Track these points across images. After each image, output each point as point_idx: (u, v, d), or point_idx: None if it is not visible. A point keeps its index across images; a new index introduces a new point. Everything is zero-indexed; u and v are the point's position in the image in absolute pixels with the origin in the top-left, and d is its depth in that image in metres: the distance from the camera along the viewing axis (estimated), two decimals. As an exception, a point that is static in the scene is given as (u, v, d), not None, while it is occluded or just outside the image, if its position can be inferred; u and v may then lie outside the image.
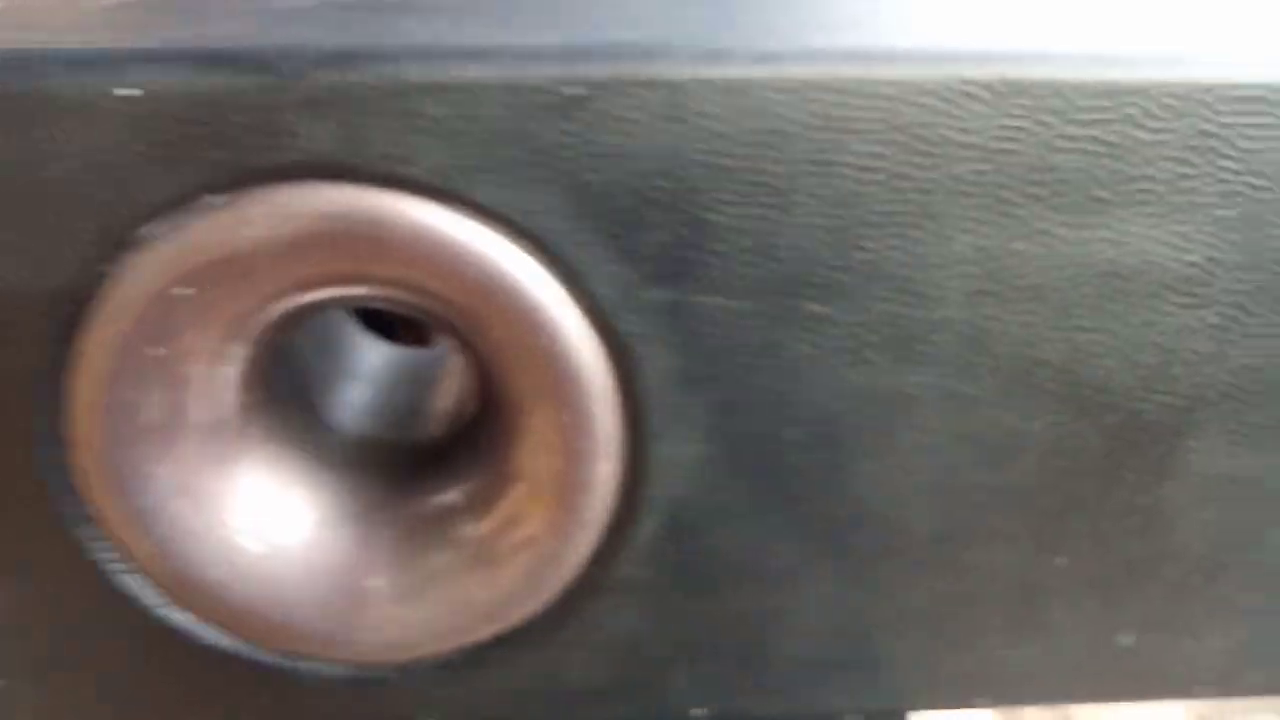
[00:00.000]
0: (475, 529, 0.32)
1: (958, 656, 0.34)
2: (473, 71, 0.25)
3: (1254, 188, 0.27)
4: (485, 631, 0.32)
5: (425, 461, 0.36)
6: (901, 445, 0.30)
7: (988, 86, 0.25)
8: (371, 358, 0.44)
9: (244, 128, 0.25)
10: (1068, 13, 0.33)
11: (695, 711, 0.34)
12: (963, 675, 0.34)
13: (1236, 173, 0.27)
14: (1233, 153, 0.27)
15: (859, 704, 0.35)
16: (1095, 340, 0.29)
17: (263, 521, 0.32)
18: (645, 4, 0.32)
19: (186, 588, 0.32)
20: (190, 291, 0.27)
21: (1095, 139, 0.26)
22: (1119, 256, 0.27)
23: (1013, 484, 0.31)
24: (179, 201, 0.26)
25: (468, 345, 0.31)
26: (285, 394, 0.35)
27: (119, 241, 0.26)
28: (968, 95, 0.25)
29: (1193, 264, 0.28)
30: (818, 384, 0.29)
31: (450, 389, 0.42)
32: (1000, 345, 0.29)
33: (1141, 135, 0.26)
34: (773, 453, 0.30)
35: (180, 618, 0.32)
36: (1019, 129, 0.26)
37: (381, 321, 0.48)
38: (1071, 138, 0.26)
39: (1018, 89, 0.25)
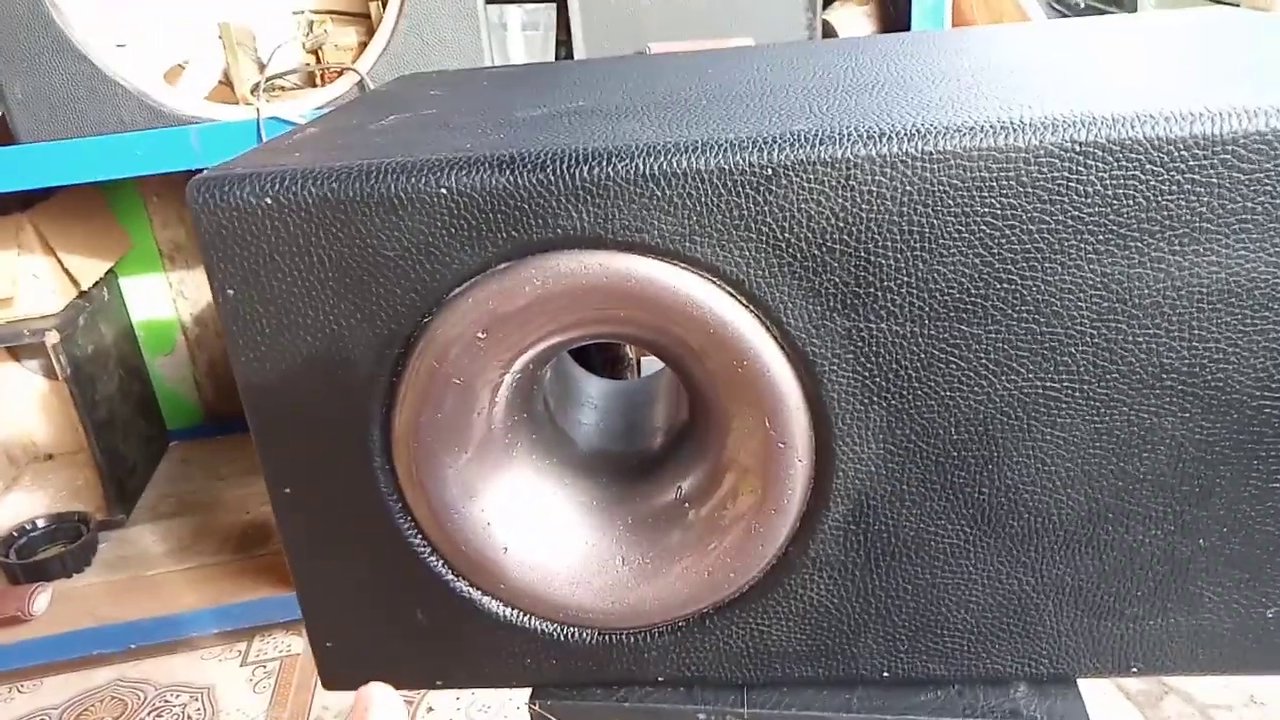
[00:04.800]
0: (697, 514, 0.40)
1: (1109, 625, 0.39)
2: (691, 162, 0.33)
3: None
4: (706, 602, 0.40)
5: (646, 467, 0.44)
6: (1046, 440, 0.36)
7: (1098, 146, 0.31)
8: (589, 388, 0.53)
9: (524, 212, 0.34)
10: (1154, 77, 0.38)
11: (880, 673, 0.41)
12: (1115, 643, 0.39)
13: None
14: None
15: (1023, 669, 0.40)
16: (1213, 349, 0.34)
17: (526, 514, 0.41)
18: (814, 97, 0.40)
19: (470, 567, 0.41)
20: (484, 335, 0.36)
21: (1196, 181, 0.31)
22: (1227, 277, 0.33)
23: (1149, 472, 0.36)
24: (479, 269, 0.35)
25: (681, 369, 0.40)
26: (537, 414, 0.44)
27: (435, 300, 0.36)
28: (1082, 154, 0.32)
29: (1297, 279, 0.33)
30: (972, 391, 0.35)
31: (657, 413, 0.50)
32: (1129, 354, 0.34)
33: (1238, 175, 0.31)
34: (938, 449, 0.36)
35: (467, 590, 0.41)
36: (1129, 177, 0.32)
37: (587, 359, 0.57)
38: (1175, 182, 0.32)
39: (1124, 146, 0.31)
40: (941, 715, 0.40)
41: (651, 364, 0.68)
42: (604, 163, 0.34)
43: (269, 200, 0.35)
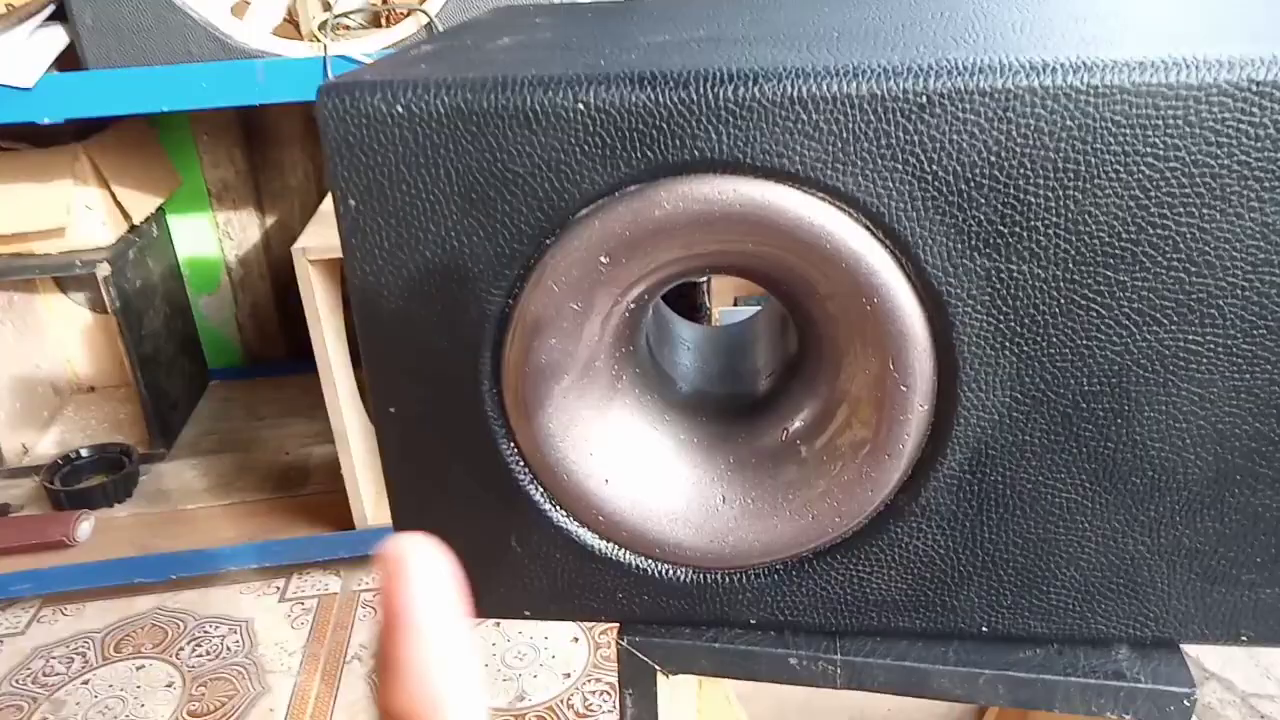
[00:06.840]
0: (810, 449, 0.39)
1: (1222, 592, 0.38)
2: (842, 86, 0.32)
3: None
4: (807, 546, 0.39)
5: (749, 410, 0.44)
6: (1182, 396, 0.35)
7: (1277, 87, 0.30)
8: (682, 332, 0.52)
9: (661, 132, 0.33)
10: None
11: (979, 627, 0.40)
12: (1227, 610, 0.38)
13: None
14: None
15: (1128, 632, 0.39)
16: (1369, 307, 0.33)
17: (629, 448, 0.41)
18: (957, 30, 0.39)
19: (570, 497, 0.40)
20: (606, 259, 0.35)
21: (1375, 130, 0.30)
22: (1395, 233, 0.32)
23: (1286, 435, 0.35)
24: (608, 190, 0.34)
25: (797, 306, 0.39)
26: (640, 350, 0.43)
27: (561, 221, 0.35)
28: (1259, 94, 0.30)
29: None
30: (1110, 341, 0.34)
31: (758, 356, 0.49)
32: None
33: None
34: (1067, 400, 0.35)
35: (564, 520, 0.41)
36: (1304, 123, 0.30)
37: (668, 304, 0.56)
38: (1353, 129, 0.30)
39: (1305, 89, 0.30)
40: (1040, 673, 0.40)
41: (728, 315, 0.67)
42: (749, 83, 0.33)
43: (400, 108, 0.34)
